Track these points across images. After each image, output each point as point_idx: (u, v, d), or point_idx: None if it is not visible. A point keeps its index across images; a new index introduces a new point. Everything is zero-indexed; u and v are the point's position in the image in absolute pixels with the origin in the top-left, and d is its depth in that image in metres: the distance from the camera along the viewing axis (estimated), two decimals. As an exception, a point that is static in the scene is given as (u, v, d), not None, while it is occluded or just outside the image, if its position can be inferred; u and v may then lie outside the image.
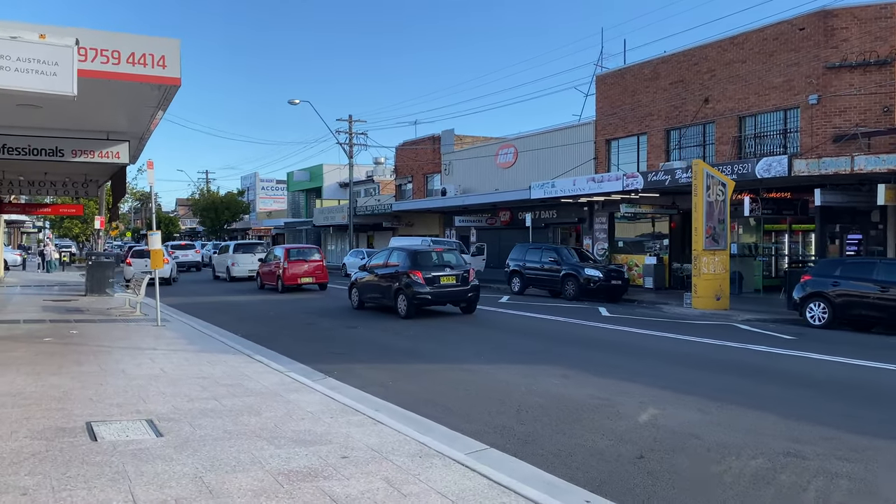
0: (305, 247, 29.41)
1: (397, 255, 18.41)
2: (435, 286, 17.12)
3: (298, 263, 26.42)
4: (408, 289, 17.03)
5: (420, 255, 18.04)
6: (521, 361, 10.86)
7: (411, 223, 43.10)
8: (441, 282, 17.26)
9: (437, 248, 19.74)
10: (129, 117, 11.43)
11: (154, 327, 13.92)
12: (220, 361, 9.96)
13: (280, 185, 77.57)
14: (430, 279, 17.10)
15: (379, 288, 18.49)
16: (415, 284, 16.98)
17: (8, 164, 17.46)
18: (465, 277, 17.64)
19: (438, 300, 17.40)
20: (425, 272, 17.18)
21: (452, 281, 17.42)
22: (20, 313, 16.12)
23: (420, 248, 19.60)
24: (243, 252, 34.21)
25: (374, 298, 18.87)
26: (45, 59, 5.82)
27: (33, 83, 5.63)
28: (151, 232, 14.20)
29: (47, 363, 9.43)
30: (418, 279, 17.01)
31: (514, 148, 34.51)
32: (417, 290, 16.92)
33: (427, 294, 17.01)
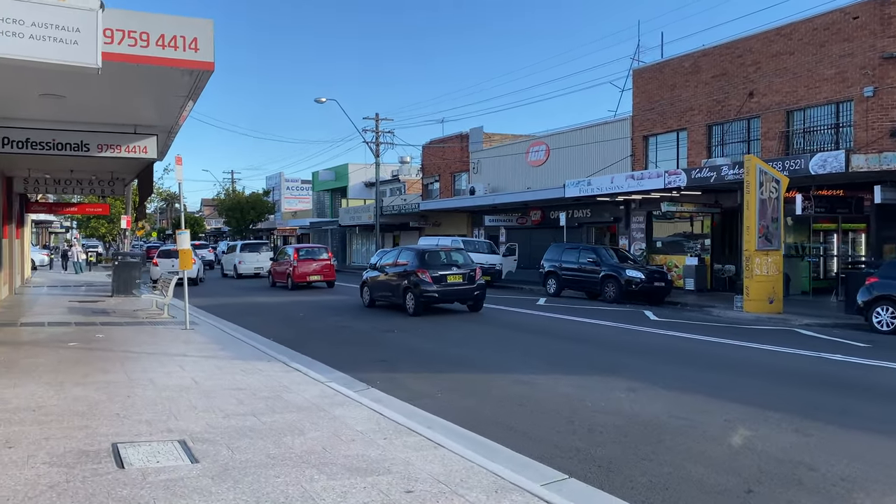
0: (314, 246, 30.39)
1: (406, 255, 18.81)
2: (442, 284, 17.50)
3: (308, 262, 27.43)
4: (416, 287, 17.44)
5: (428, 255, 18.33)
6: (577, 371, 10.02)
7: (438, 223, 42.33)
8: (448, 280, 17.62)
9: (444, 248, 20.03)
10: (158, 108, 10.76)
11: (183, 331, 13.28)
12: (256, 370, 9.24)
13: (305, 184, 77.22)
14: (438, 278, 17.48)
15: (389, 286, 18.83)
16: (422, 283, 17.37)
17: (33, 160, 16.95)
18: (471, 276, 17.98)
19: (445, 298, 17.76)
20: (433, 271, 17.55)
21: (459, 280, 17.79)
22: (45, 315, 15.59)
23: (428, 248, 19.81)
24: (249, 251, 36.00)
25: (385, 296, 19.18)
26: (64, 24, 5.10)
27: (51, 53, 4.93)
28: (180, 231, 13.56)
29: (71, 371, 8.77)
30: (426, 278, 17.40)
31: (546, 145, 33.60)
32: (425, 288, 17.33)
33: (434, 292, 17.41)
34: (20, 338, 11.83)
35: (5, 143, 11.33)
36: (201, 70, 8.18)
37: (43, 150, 11.56)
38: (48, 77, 8.76)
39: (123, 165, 17.75)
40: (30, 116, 11.46)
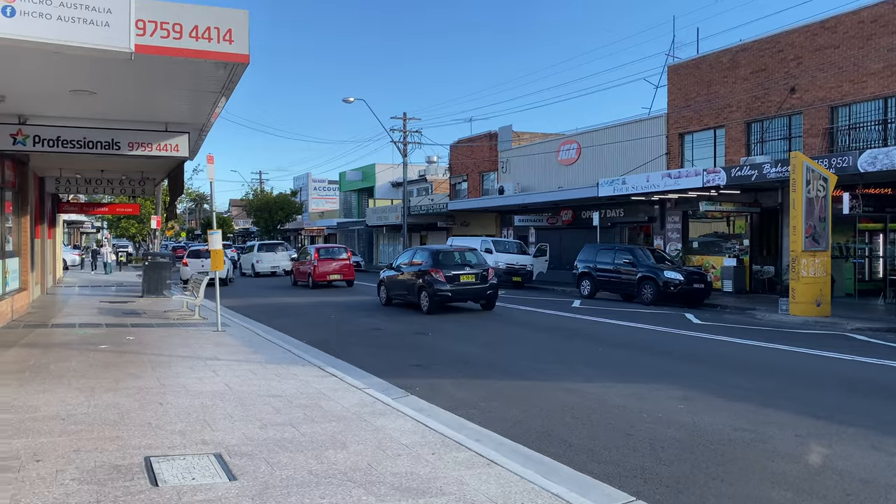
0: (334, 246, 31.11)
1: (421, 255, 19.38)
2: (455, 284, 18.04)
3: (328, 262, 28.18)
4: (430, 286, 17.99)
5: (441, 255, 18.87)
6: (626, 379, 9.52)
7: (466, 223, 41.88)
8: (461, 280, 18.14)
9: (457, 248, 20.33)
10: (190, 105, 10.47)
11: (214, 333, 13.00)
12: (291, 375, 8.88)
13: (332, 185, 77.26)
14: (451, 277, 18.01)
15: (404, 285, 19.45)
16: (436, 282, 17.93)
17: (64, 159, 16.84)
18: (483, 276, 18.47)
19: (458, 297, 18.29)
20: (446, 271, 18.09)
21: (472, 279, 18.28)
22: (76, 316, 15.44)
23: (442, 248, 20.21)
24: (266, 251, 37.51)
25: (401, 295, 19.77)
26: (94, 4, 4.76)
27: (81, 35, 4.58)
28: (211, 231, 13.28)
29: (102, 376, 8.49)
30: (440, 277, 17.94)
31: (577, 144, 33.00)
32: (438, 287, 17.88)
33: (448, 291, 17.96)
34: (51, 340, 11.63)
35: (36, 142, 11.14)
36: (236, 63, 7.85)
37: (73, 149, 11.35)
38: (79, 70, 8.50)
39: (154, 165, 17.59)
40: (60, 114, 11.26)
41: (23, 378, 8.19)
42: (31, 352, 10.20)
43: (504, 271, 28.45)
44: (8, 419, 6.27)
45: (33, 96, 9.97)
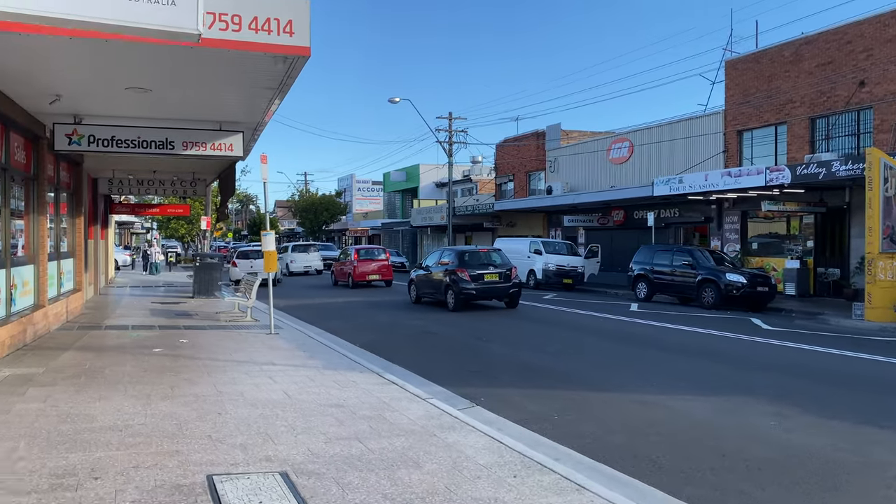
0: (373, 247, 32.30)
1: (448, 255, 20.42)
2: (479, 283, 18.93)
3: (367, 262, 29.03)
4: (455, 285, 18.88)
5: (467, 255, 19.87)
6: (705, 390, 8.91)
7: (513, 223, 41.28)
8: (485, 279, 19.03)
9: (482, 249, 21.18)
10: (246, 102, 10.18)
11: (267, 335, 12.75)
12: (350, 382, 8.51)
13: (376, 185, 77.38)
14: (475, 276, 18.93)
15: (432, 284, 20.41)
16: (461, 281, 18.85)
17: (118, 160, 16.84)
18: (507, 275, 19.35)
19: (483, 295, 19.13)
20: (471, 270, 19.03)
21: (495, 278, 19.13)
22: (129, 317, 15.38)
23: (467, 249, 21.07)
24: (299, 252, 39.61)
25: (429, 293, 20.74)
26: (159, -20, 4.42)
27: (145, 15, 4.25)
28: (265, 232, 13.03)
29: (158, 382, 8.22)
30: (465, 276, 18.87)
31: (629, 142, 32.16)
32: (463, 286, 18.79)
33: (472, 290, 18.85)
34: (105, 342, 11.49)
35: (91, 142, 11.00)
36: (297, 56, 7.49)
37: (128, 149, 11.19)
38: (134, 66, 8.25)
39: (205, 165, 17.48)
40: (114, 113, 11.11)
41: (78, 384, 7.97)
42: (85, 355, 10.03)
43: (554, 273, 27.84)
44: (65, 431, 6.00)
45: (88, 95, 9.80)
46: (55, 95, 9.63)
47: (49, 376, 8.38)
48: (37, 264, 11.96)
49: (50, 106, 10.38)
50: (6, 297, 10.18)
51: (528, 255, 29.19)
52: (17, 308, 10.73)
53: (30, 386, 7.78)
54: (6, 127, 10.14)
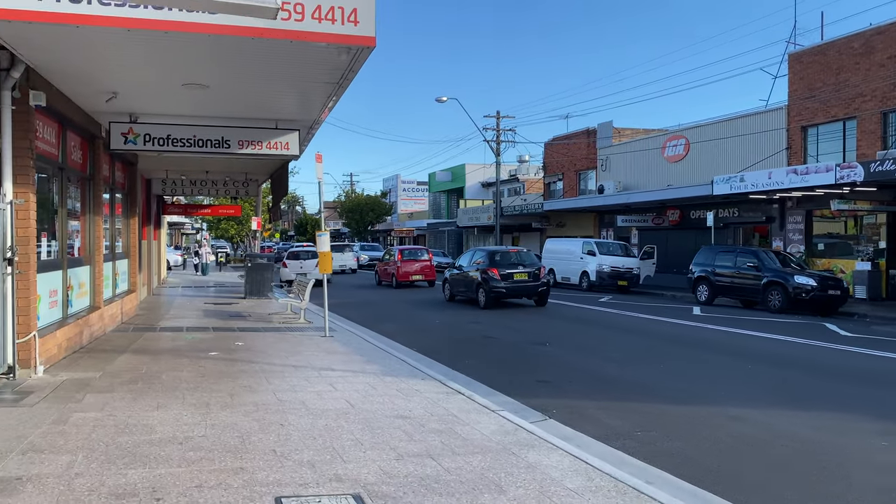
0: (416, 248, 32.95)
1: (479, 255, 21.33)
2: (509, 281, 19.78)
3: (410, 263, 29.48)
4: (486, 284, 19.83)
5: (497, 255, 20.77)
6: (798, 404, 8.23)
7: (562, 223, 40.50)
8: (514, 278, 19.87)
9: (512, 249, 22.06)
10: (304, 98, 9.84)
11: (322, 339, 12.42)
12: (413, 391, 8.07)
13: (421, 186, 77.25)
14: (505, 275, 19.81)
15: (464, 283, 21.44)
16: (492, 280, 19.76)
17: (171, 161, 16.77)
18: (536, 274, 20.22)
19: (512, 294, 19.95)
20: (501, 269, 19.90)
21: (525, 277, 19.99)
22: (182, 318, 15.25)
23: (498, 249, 21.93)
24: (335, 252, 39.63)
25: (461, 291, 21.74)
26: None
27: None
28: (320, 232, 12.71)
29: (216, 389, 7.91)
30: (495, 276, 19.77)
31: (685, 139, 31.17)
32: (494, 284, 19.70)
33: (502, 288, 19.71)
34: (160, 345, 11.30)
35: (147, 141, 10.81)
36: (361, 47, 7.08)
37: (183, 147, 10.97)
38: (193, 60, 7.96)
39: (259, 165, 17.31)
40: (170, 112, 10.90)
41: (136, 390, 7.71)
42: (141, 359, 9.82)
43: (608, 275, 27.08)
44: (124, 443, 5.69)
45: (145, 92, 9.57)
46: (111, 93, 9.44)
47: (106, 381, 8.15)
48: (92, 265, 11.85)
49: (106, 104, 10.21)
50: (63, 299, 10.04)
51: (580, 256, 28.48)
52: (73, 310, 10.60)
53: (87, 392, 7.54)
54: (63, 126, 10.00)
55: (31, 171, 8.09)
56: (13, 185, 7.86)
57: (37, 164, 8.54)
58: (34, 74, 8.24)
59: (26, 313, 8.05)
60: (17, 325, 7.94)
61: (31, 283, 8.16)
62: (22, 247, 8.00)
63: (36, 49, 7.43)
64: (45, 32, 6.72)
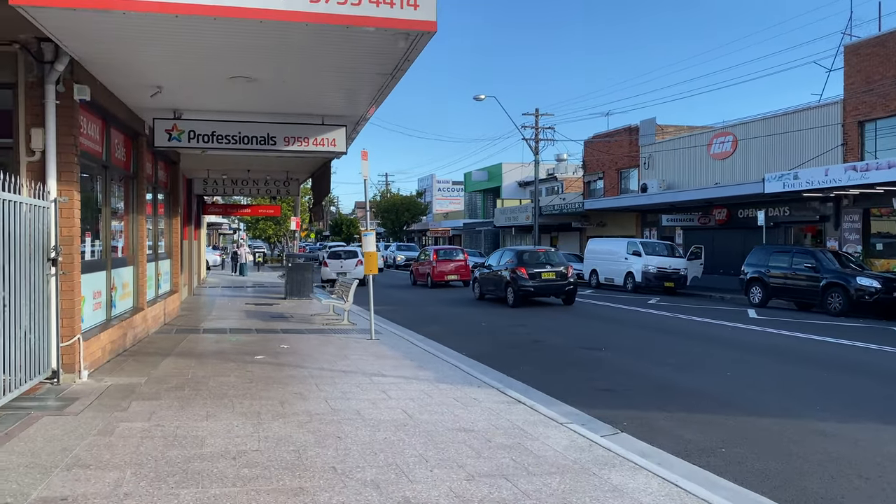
0: (451, 248, 33.41)
1: (508, 255, 21.83)
2: (537, 280, 20.29)
3: (445, 263, 29.77)
4: (515, 282, 20.29)
5: (526, 255, 21.28)
6: (890, 419, 7.57)
7: (603, 223, 39.69)
8: (542, 277, 20.40)
9: (540, 249, 22.82)
10: (354, 90, 9.41)
11: (368, 341, 12.02)
12: (471, 400, 7.60)
13: (456, 186, 76.81)
14: (533, 274, 20.31)
15: (494, 281, 21.89)
16: (520, 279, 20.22)
17: (213, 160, 16.57)
18: (563, 274, 20.68)
19: (540, 292, 20.46)
20: (529, 269, 20.41)
21: (552, 276, 20.52)
22: (225, 320, 15.00)
23: (526, 249, 22.54)
24: None
25: (491, 290, 22.20)
26: None
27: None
28: (366, 232, 12.32)
29: (266, 396, 7.53)
30: (523, 275, 20.23)
31: (733, 136, 30.20)
32: (522, 283, 20.18)
33: (530, 287, 20.22)
34: (205, 347, 11.00)
35: (191, 138, 10.51)
36: (421, 33, 6.63)
37: (228, 145, 10.65)
38: (241, 50, 7.58)
39: (301, 163, 17.01)
40: (214, 107, 10.59)
41: (183, 397, 7.35)
42: (187, 362, 9.50)
43: (654, 276, 26.31)
44: (174, 458, 5.30)
45: (190, 85, 9.25)
46: (156, 87, 9.13)
47: (151, 387, 7.82)
48: (136, 265, 11.60)
49: (150, 100, 9.92)
50: (106, 300, 9.78)
51: (625, 256, 27.75)
52: (116, 311, 10.34)
53: (132, 399, 7.21)
54: (107, 122, 9.74)
55: (75, 168, 7.80)
56: (57, 183, 7.57)
57: (81, 162, 8.26)
58: (78, 68, 7.95)
59: (70, 315, 7.76)
60: (61, 327, 7.65)
61: (76, 284, 7.87)
62: (66, 246, 7.71)
63: (81, 39, 7.12)
64: (91, 20, 6.40)
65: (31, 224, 7.04)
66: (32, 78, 7.51)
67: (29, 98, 7.51)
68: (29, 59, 7.48)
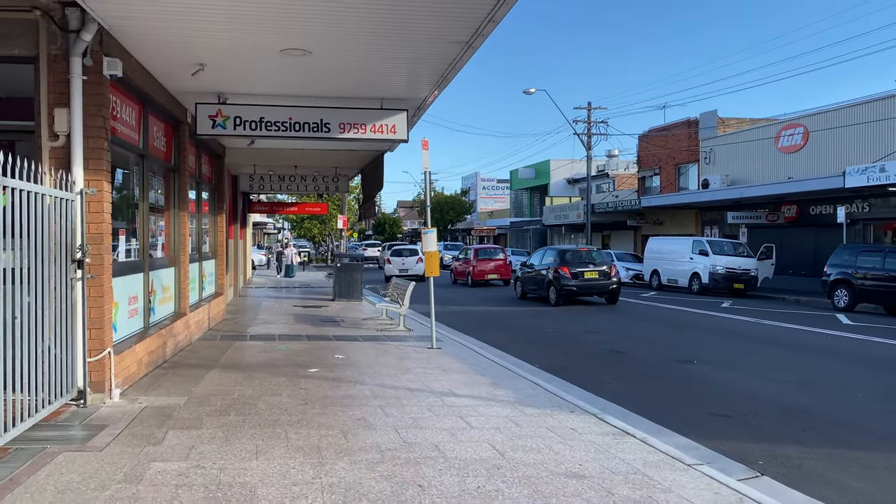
0: (491, 247, 33.84)
1: (550, 254, 21.77)
2: (579, 280, 20.24)
3: (485, 262, 29.84)
4: (557, 282, 20.25)
5: (568, 254, 21.23)
6: None
7: (660, 221, 37.88)
8: (585, 276, 20.32)
9: (583, 248, 22.63)
10: (418, 67, 8.21)
11: (429, 350, 10.83)
12: (568, 430, 6.31)
13: (501, 184, 75.38)
14: (576, 274, 20.27)
15: (535, 281, 21.86)
16: (563, 278, 20.18)
17: (260, 154, 15.59)
18: (607, 273, 20.56)
19: (583, 292, 20.37)
20: (571, 268, 20.36)
21: (595, 276, 20.42)
22: (272, 324, 13.98)
23: (568, 248, 22.45)
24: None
25: (532, 289, 22.15)
26: None
27: None
28: (426, 230, 11.11)
29: (324, 423, 6.35)
30: (566, 274, 20.21)
31: (804, 128, 28.25)
32: (564, 283, 20.14)
33: (573, 286, 20.16)
34: (252, 358, 9.92)
35: (237, 124, 9.44)
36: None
37: (277, 132, 9.55)
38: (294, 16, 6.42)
39: (351, 157, 15.92)
40: (262, 90, 9.51)
41: (227, 424, 6.22)
42: (232, 377, 8.41)
43: (723, 277, 24.59)
44: (215, 518, 4.14)
45: (236, 62, 8.15)
46: (198, 65, 8.05)
47: (191, 410, 6.72)
48: (178, 267, 10.59)
49: (191, 83, 8.89)
50: (144, 306, 8.75)
51: (690, 256, 26.08)
52: (155, 318, 9.32)
53: (169, 427, 6.09)
54: (144, 106, 8.71)
55: (105, 154, 6.74)
56: (84, 172, 6.51)
57: (114, 150, 7.23)
58: (109, 39, 6.89)
59: (100, 326, 6.70)
60: (89, 339, 6.60)
61: (106, 289, 6.81)
62: (94, 246, 6.65)
63: (111, 2, 6.05)
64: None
65: (54, 219, 6.00)
66: (56, 50, 6.47)
67: (52, 73, 6.47)
68: (52, 27, 6.44)
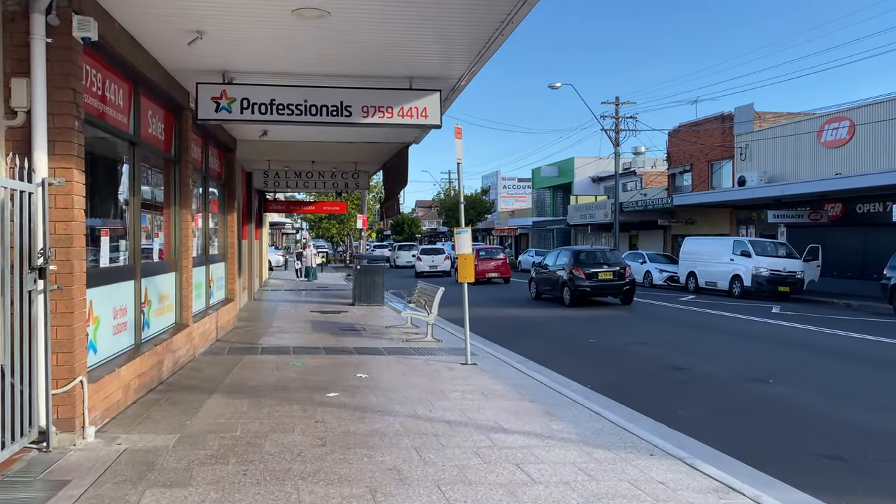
0: (492, 247, 36.75)
1: (564, 255, 21.82)
2: (594, 280, 20.24)
3: (486, 261, 31.83)
4: (571, 282, 20.25)
5: (582, 254, 21.29)
6: None
7: (692, 220, 36.23)
8: (599, 277, 20.32)
9: (598, 249, 22.71)
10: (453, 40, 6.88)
11: (463, 367, 9.50)
12: (656, 486, 4.94)
13: (522, 183, 73.85)
14: (590, 274, 20.25)
15: (550, 281, 21.94)
16: (577, 279, 20.20)
17: (273, 148, 14.32)
18: (621, 273, 20.56)
19: (597, 292, 20.41)
20: (585, 269, 20.36)
21: (609, 276, 20.39)
22: (287, 333, 12.72)
23: (583, 249, 22.49)
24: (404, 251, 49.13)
25: (547, 290, 22.26)
26: None
27: None
28: (459, 230, 9.76)
29: (346, 476, 5.02)
30: (580, 275, 20.21)
31: (850, 121, 26.58)
32: (579, 283, 20.15)
33: (587, 287, 20.17)
34: (262, 378, 8.62)
35: (245, 107, 8.16)
36: None
37: (291, 116, 8.24)
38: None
39: (373, 151, 14.62)
40: (273, 68, 8.21)
41: (224, 479, 4.91)
42: (236, 406, 7.09)
43: (767, 279, 23.01)
44: None
45: (240, 29, 6.83)
46: (195, 32, 6.75)
47: (181, 456, 5.41)
48: (179, 272, 9.32)
49: (192, 59, 7.62)
50: (135, 320, 7.47)
51: (730, 257, 24.53)
52: (150, 332, 8.05)
53: (148, 485, 4.77)
54: (135, 85, 7.43)
55: (75, 135, 5.44)
56: (48, 157, 5.23)
57: (95, 134, 5.97)
58: (82, -5, 5.62)
59: (69, 349, 5.41)
60: (55, 366, 5.32)
61: (77, 302, 5.52)
62: (62, 249, 5.37)
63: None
64: None
65: (9, 217, 4.73)
66: (13, 6, 5.20)
67: (8, 35, 5.20)
68: (7, -23, 5.19)
